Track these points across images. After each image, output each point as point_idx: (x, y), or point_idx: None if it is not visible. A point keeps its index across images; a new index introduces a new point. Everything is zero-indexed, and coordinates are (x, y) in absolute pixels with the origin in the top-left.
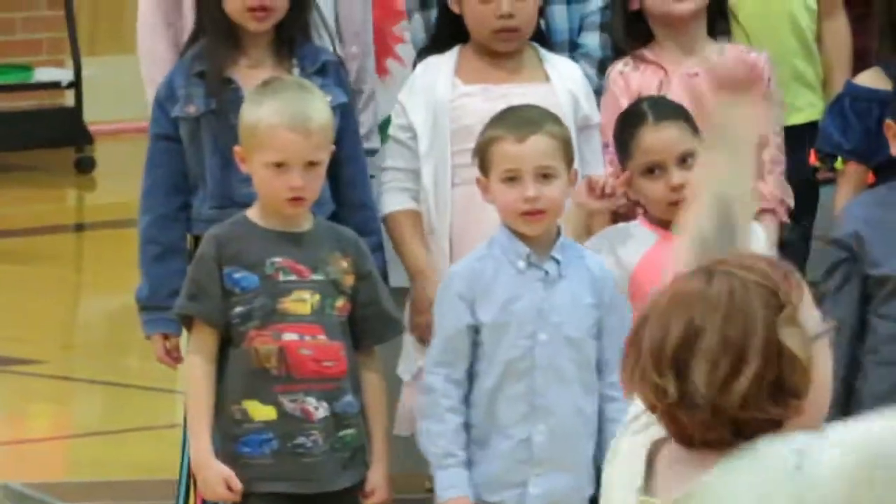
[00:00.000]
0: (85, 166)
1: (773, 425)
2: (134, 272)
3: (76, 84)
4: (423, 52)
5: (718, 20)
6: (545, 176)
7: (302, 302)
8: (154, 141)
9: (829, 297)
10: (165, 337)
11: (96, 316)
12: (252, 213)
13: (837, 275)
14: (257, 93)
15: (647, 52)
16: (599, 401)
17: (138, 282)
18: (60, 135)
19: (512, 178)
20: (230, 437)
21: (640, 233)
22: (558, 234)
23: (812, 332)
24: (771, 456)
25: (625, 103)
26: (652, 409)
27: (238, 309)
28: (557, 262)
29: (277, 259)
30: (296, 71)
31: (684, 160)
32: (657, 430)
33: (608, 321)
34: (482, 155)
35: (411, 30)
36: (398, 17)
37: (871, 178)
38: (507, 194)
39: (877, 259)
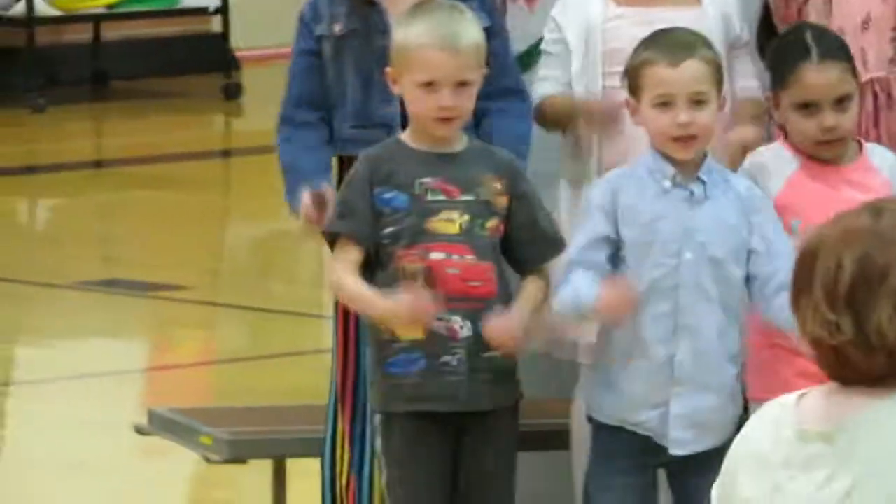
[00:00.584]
0: (232, 93)
1: None
2: (280, 198)
3: (223, 10)
4: None
5: None
6: (697, 101)
7: (450, 222)
8: (296, 56)
9: None
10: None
11: (242, 242)
12: (405, 136)
13: None
14: (409, 15)
15: None
16: (766, 308)
17: (284, 208)
18: (207, 61)
19: (664, 103)
20: (380, 359)
21: (782, 156)
22: (705, 155)
23: None
24: None
25: None
26: (817, 344)
27: (388, 229)
28: (703, 182)
29: (427, 179)
30: None
31: (840, 101)
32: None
33: (755, 242)
34: (633, 77)
35: None
36: None
37: None
38: (659, 119)
39: None
